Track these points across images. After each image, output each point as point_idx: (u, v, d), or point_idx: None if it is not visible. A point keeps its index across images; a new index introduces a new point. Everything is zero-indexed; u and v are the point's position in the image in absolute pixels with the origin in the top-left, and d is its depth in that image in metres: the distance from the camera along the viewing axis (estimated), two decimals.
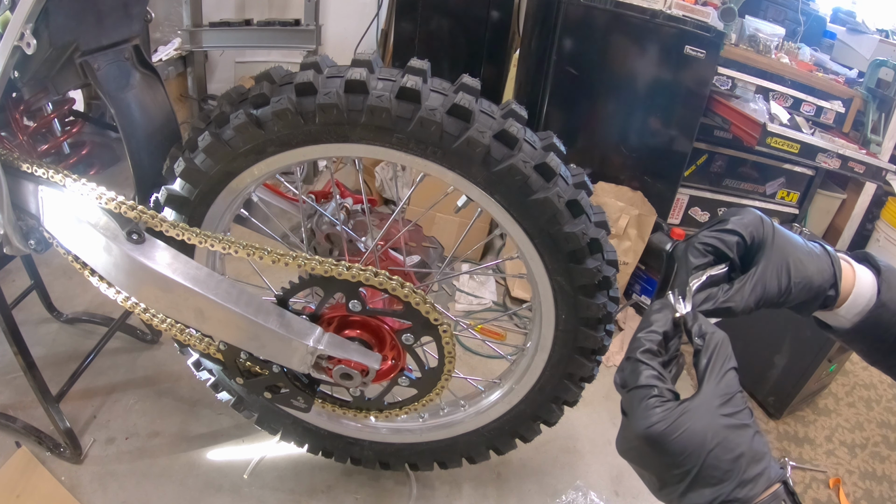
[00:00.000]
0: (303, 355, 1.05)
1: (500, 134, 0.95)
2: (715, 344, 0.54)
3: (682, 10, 2.14)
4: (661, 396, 0.50)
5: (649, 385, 0.51)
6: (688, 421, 0.49)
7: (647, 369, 0.53)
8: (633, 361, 0.54)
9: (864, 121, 2.47)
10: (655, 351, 0.54)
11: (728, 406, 0.50)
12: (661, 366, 0.54)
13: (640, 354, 0.54)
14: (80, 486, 1.37)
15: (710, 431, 0.48)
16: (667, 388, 0.51)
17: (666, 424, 0.49)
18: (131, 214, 0.99)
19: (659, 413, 0.49)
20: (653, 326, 0.56)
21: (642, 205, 2.34)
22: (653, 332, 0.56)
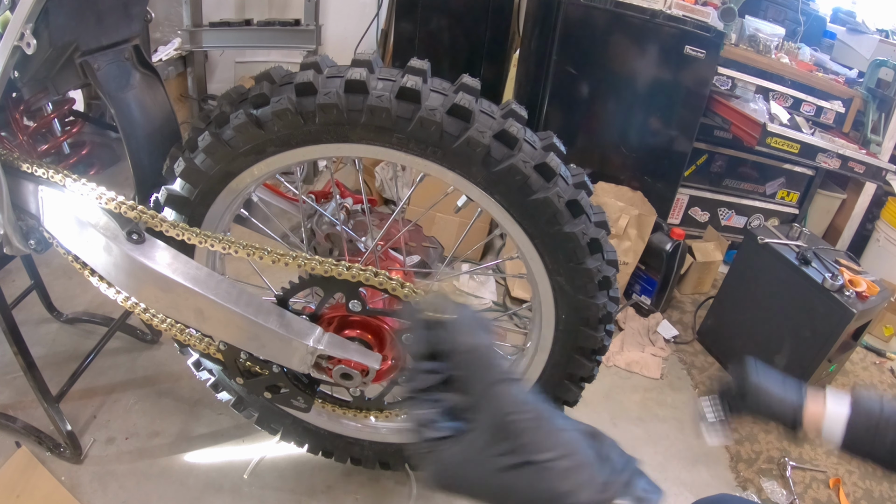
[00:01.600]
0: (303, 355, 1.05)
1: (500, 134, 0.95)
2: (467, 359, 0.45)
3: (682, 10, 2.14)
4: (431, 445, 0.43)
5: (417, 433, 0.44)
6: (455, 469, 0.42)
7: (415, 417, 0.45)
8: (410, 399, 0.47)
9: (864, 121, 2.48)
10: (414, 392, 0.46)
11: (499, 441, 0.41)
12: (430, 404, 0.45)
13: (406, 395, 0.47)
14: (80, 486, 1.37)
15: (486, 482, 0.41)
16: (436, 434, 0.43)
17: (438, 476, 0.42)
18: (131, 214, 0.99)
19: (429, 464, 0.43)
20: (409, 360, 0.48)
21: (642, 205, 2.34)
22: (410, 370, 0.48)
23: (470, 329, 0.45)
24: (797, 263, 1.91)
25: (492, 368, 0.44)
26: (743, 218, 2.86)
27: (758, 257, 2.02)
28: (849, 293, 1.79)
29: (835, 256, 1.98)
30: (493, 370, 0.43)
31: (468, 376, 0.44)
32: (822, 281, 1.82)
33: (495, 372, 0.43)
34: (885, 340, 2.55)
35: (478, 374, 0.43)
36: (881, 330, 2.54)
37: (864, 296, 1.79)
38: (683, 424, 1.88)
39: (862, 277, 1.85)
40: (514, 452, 0.41)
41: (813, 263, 1.90)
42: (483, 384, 0.43)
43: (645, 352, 2.16)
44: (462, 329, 0.45)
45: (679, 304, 2.53)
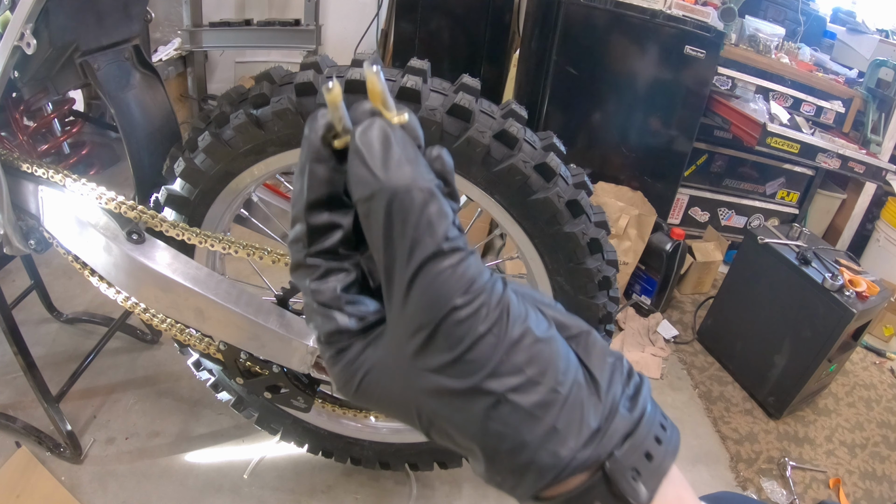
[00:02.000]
0: (303, 355, 1.05)
1: (500, 134, 0.95)
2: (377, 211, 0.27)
3: (682, 10, 2.14)
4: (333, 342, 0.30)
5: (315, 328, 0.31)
6: (375, 381, 0.29)
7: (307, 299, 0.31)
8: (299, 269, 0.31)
9: (864, 121, 2.48)
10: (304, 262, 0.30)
11: (428, 352, 0.27)
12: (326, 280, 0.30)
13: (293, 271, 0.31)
14: (80, 486, 1.37)
15: (410, 400, 0.29)
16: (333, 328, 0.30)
17: (351, 386, 0.30)
18: (131, 214, 0.99)
19: (336, 370, 0.30)
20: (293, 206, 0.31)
21: (642, 205, 2.34)
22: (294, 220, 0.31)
23: (396, 158, 0.27)
24: (797, 263, 1.91)
25: (424, 228, 0.26)
26: (743, 218, 2.86)
27: (758, 257, 2.02)
28: (849, 293, 1.79)
29: (835, 256, 1.98)
30: (425, 231, 0.26)
31: (383, 239, 0.27)
32: (822, 281, 1.82)
33: (434, 233, 0.26)
34: (885, 340, 2.55)
35: (398, 237, 0.27)
36: (881, 330, 2.54)
37: (864, 296, 1.79)
38: (683, 424, 1.88)
39: (862, 277, 1.85)
40: (456, 370, 0.27)
41: (813, 263, 1.90)
42: (405, 255, 0.26)
43: (645, 352, 2.16)
44: (383, 157, 0.27)
45: (679, 304, 2.53)
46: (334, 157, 0.30)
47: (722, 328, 2.22)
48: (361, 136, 0.28)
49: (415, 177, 0.27)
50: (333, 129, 0.30)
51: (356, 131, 0.28)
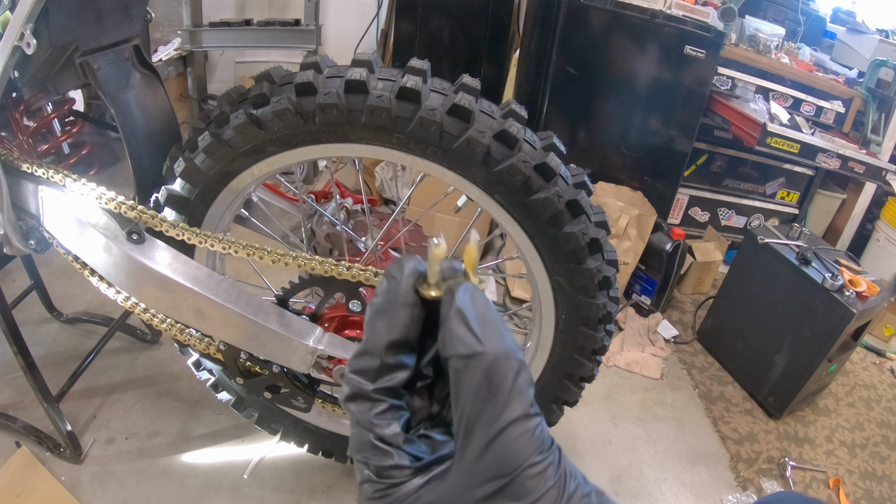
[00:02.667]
0: (303, 355, 1.05)
1: (500, 134, 0.95)
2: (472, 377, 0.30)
3: (682, 10, 2.14)
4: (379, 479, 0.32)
5: (359, 460, 0.33)
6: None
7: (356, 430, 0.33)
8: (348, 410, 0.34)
9: (864, 121, 2.48)
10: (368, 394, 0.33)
11: (497, 500, 0.30)
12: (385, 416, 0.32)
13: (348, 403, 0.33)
14: (80, 486, 1.37)
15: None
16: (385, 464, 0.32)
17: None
18: (131, 214, 0.99)
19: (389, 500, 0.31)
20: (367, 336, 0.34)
21: (642, 205, 2.34)
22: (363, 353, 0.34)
23: (494, 326, 0.31)
24: (797, 263, 1.91)
25: (515, 393, 0.30)
26: (743, 218, 2.86)
27: (758, 257, 2.02)
28: (849, 293, 1.79)
29: (835, 256, 1.98)
30: (516, 396, 0.30)
31: (467, 399, 0.30)
32: (822, 281, 1.82)
33: (519, 400, 0.30)
34: (885, 340, 2.55)
35: (491, 396, 0.30)
36: (881, 330, 2.54)
37: (864, 296, 1.79)
38: (683, 424, 1.88)
39: (862, 277, 1.85)
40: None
41: (813, 263, 1.90)
42: (496, 413, 0.29)
43: (645, 352, 2.16)
44: (481, 321, 0.31)
45: (679, 304, 2.53)
46: (420, 304, 0.33)
47: (722, 328, 2.22)
48: (463, 299, 0.32)
49: (511, 346, 0.31)
50: (424, 280, 0.33)
51: (458, 293, 0.32)
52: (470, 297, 0.32)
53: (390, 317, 0.33)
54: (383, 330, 0.33)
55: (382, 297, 0.34)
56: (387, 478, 0.32)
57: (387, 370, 0.33)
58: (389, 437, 0.32)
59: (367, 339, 0.33)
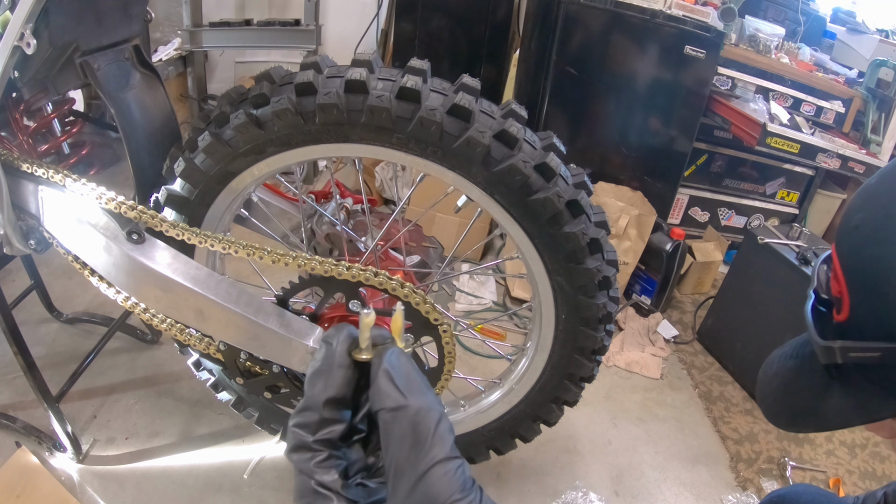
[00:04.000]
0: (303, 355, 1.04)
1: (500, 134, 0.95)
2: (401, 427, 0.36)
3: (682, 10, 2.14)
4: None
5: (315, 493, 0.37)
6: None
7: (299, 479, 0.38)
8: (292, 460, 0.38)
9: (864, 121, 2.48)
10: (309, 445, 0.38)
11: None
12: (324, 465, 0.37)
13: (292, 453, 0.38)
14: (80, 486, 1.37)
15: None
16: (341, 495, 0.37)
17: None
18: (131, 214, 0.99)
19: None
20: (308, 394, 0.39)
21: (642, 205, 2.34)
22: (307, 410, 0.38)
23: (417, 383, 0.37)
24: (797, 263, 1.91)
25: (437, 439, 0.35)
26: (743, 218, 2.86)
27: (758, 257, 2.02)
28: None
29: None
30: (437, 441, 0.35)
31: (394, 448, 0.35)
32: None
33: (440, 445, 0.35)
34: None
35: (416, 443, 0.35)
36: None
37: None
38: (683, 424, 1.88)
39: None
40: None
41: (813, 263, 1.90)
42: (421, 457, 0.34)
43: (645, 352, 2.16)
44: (406, 379, 0.37)
45: (679, 304, 2.53)
46: (353, 366, 0.39)
47: (722, 328, 2.22)
48: (390, 360, 0.37)
49: (432, 401, 0.37)
50: (356, 345, 0.39)
51: (385, 355, 0.37)
52: (396, 358, 0.38)
53: (327, 377, 0.38)
54: (322, 389, 0.38)
55: (320, 361, 0.39)
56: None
57: (325, 424, 0.38)
58: (329, 483, 0.36)
59: (307, 397, 0.38)
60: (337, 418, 0.38)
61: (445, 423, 0.36)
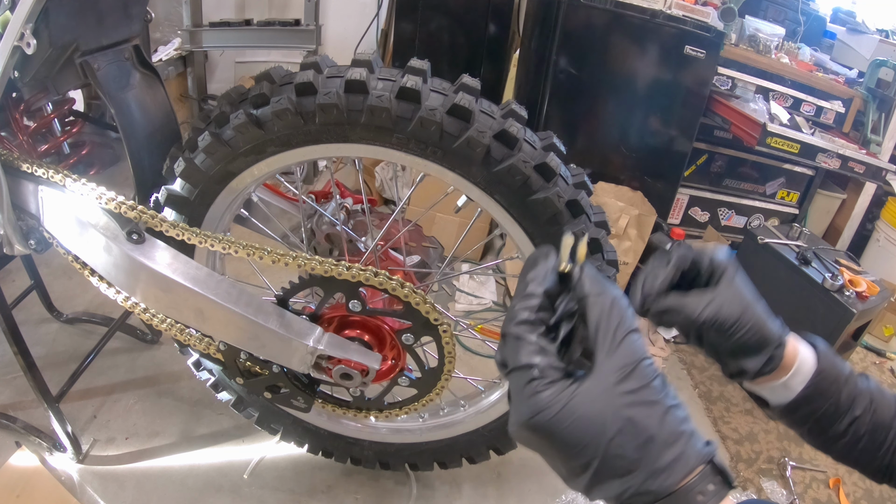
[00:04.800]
0: (303, 355, 1.05)
1: (500, 134, 0.95)
2: (604, 304, 0.45)
3: (682, 10, 2.14)
4: (544, 378, 0.43)
5: (529, 364, 0.43)
6: (580, 406, 0.41)
7: (527, 345, 0.44)
8: (510, 337, 0.46)
9: (864, 121, 2.48)
10: (535, 320, 0.46)
11: (630, 380, 0.43)
12: (546, 336, 0.46)
13: (516, 327, 0.45)
14: (80, 486, 1.37)
15: (608, 415, 0.41)
16: (553, 364, 0.44)
17: (552, 412, 0.41)
18: (131, 214, 0.99)
19: (544, 398, 0.42)
20: (529, 288, 0.47)
21: (642, 205, 2.34)
22: (529, 296, 0.47)
23: (610, 284, 0.47)
24: (797, 263, 1.91)
25: (630, 316, 0.45)
26: (743, 218, 2.86)
27: (758, 257, 2.02)
28: (849, 293, 1.79)
29: (835, 256, 1.98)
30: (628, 318, 0.45)
31: (601, 319, 0.45)
32: (822, 281, 1.82)
33: (630, 320, 0.45)
34: (885, 340, 2.55)
35: (613, 318, 0.44)
36: (881, 330, 2.54)
37: (864, 296, 1.79)
38: None
39: (862, 277, 1.85)
40: (646, 392, 0.43)
41: (813, 263, 1.90)
42: (620, 329, 0.44)
43: None
44: (598, 276, 0.48)
45: None
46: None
47: None
48: (590, 269, 0.48)
49: (620, 294, 0.46)
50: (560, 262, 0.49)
51: (585, 265, 0.48)
52: (592, 269, 0.48)
53: (544, 275, 0.47)
54: (540, 282, 0.47)
55: (534, 265, 0.48)
56: (548, 375, 0.43)
57: (542, 308, 0.46)
58: (549, 347, 0.45)
59: (528, 288, 0.47)
60: (548, 306, 0.47)
61: (631, 308, 0.46)
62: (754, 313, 0.60)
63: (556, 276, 0.48)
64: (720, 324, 0.58)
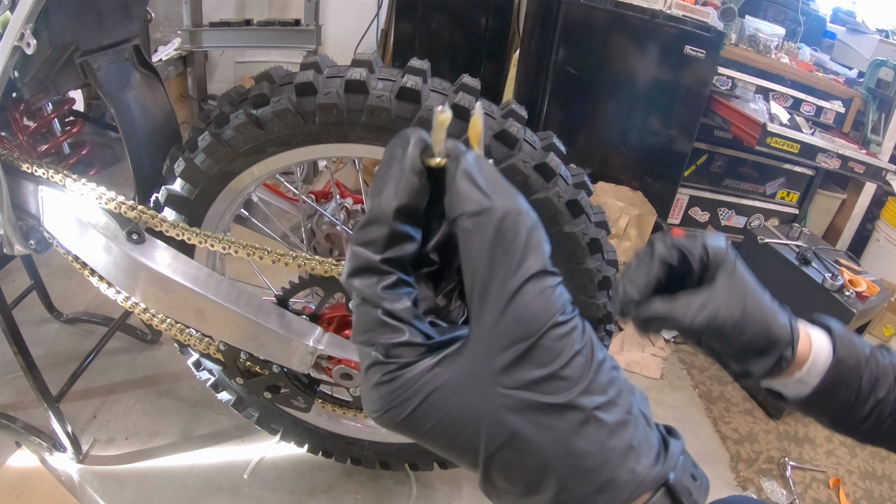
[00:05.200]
0: (303, 355, 1.05)
1: (500, 134, 0.95)
2: (487, 229, 0.28)
3: (682, 10, 2.14)
4: (391, 363, 0.28)
5: (365, 342, 0.29)
6: (445, 403, 0.28)
7: (360, 310, 0.29)
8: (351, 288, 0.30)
9: (864, 121, 2.47)
10: (378, 267, 0.29)
11: (522, 367, 0.27)
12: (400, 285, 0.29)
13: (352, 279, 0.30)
14: (80, 486, 1.37)
15: (485, 419, 0.27)
16: (407, 340, 0.28)
17: (405, 410, 0.28)
18: (131, 214, 0.99)
19: (392, 390, 0.28)
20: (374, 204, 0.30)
21: (642, 205, 2.34)
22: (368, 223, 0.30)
23: (503, 185, 0.29)
24: (797, 263, 1.91)
25: (531, 248, 0.28)
26: (743, 218, 2.86)
27: (758, 257, 2.02)
28: (849, 293, 1.79)
29: (835, 256, 1.99)
30: (532, 251, 0.28)
31: (480, 257, 0.27)
32: (822, 281, 1.82)
33: (535, 256, 0.28)
34: (885, 340, 2.55)
35: (501, 256, 0.27)
36: (881, 330, 2.54)
37: (864, 296, 1.79)
38: (683, 424, 1.88)
39: (862, 277, 1.85)
40: (550, 386, 0.27)
41: (813, 263, 1.90)
42: (511, 270, 0.27)
43: (645, 352, 2.16)
44: (489, 181, 0.29)
45: None
46: (426, 175, 0.31)
47: None
48: (470, 160, 0.30)
49: (522, 204, 0.29)
50: (430, 149, 0.31)
51: (464, 157, 0.30)
52: (476, 160, 0.30)
53: (397, 182, 0.30)
54: (391, 196, 0.30)
55: (388, 165, 0.31)
56: (396, 357, 0.28)
57: (395, 240, 0.30)
58: (399, 311, 0.29)
59: (372, 208, 0.30)
60: (407, 234, 0.30)
61: (539, 231, 0.29)
62: (759, 311, 0.50)
63: (418, 179, 0.30)
64: (718, 329, 0.49)
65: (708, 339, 0.50)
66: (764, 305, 0.51)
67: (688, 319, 0.47)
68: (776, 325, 0.51)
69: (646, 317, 0.49)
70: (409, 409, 0.28)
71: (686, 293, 0.49)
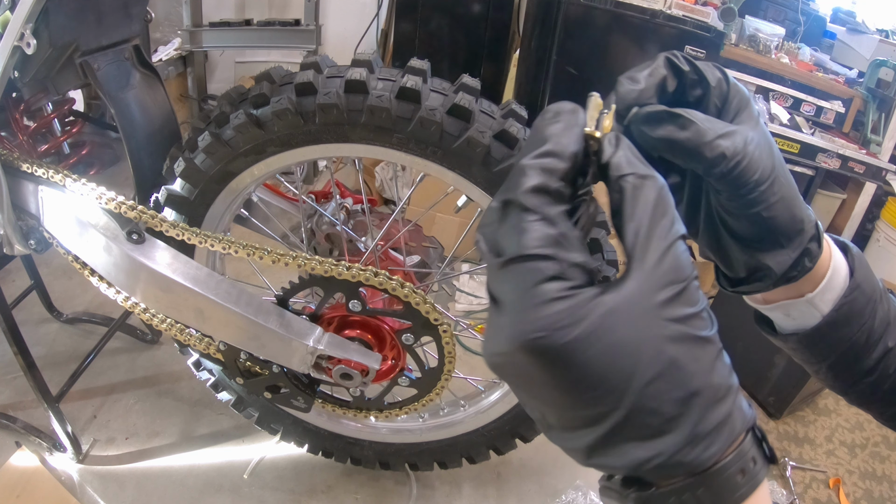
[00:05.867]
0: (303, 355, 1.05)
1: (501, 134, 0.95)
2: (650, 192, 0.31)
3: (682, 10, 2.14)
4: (565, 279, 0.28)
5: (542, 256, 0.28)
6: (612, 330, 0.28)
7: (541, 225, 0.29)
8: (514, 208, 0.30)
9: (864, 121, 2.48)
10: (554, 191, 0.30)
11: (677, 304, 0.29)
12: (565, 217, 0.30)
13: (526, 196, 0.30)
14: (80, 486, 1.37)
15: (648, 350, 0.28)
16: (578, 261, 0.29)
17: (571, 333, 0.27)
18: (131, 214, 0.99)
19: (561, 310, 0.27)
20: (548, 145, 0.31)
21: None
22: (551, 154, 0.31)
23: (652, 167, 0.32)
24: None
25: (675, 219, 0.31)
26: None
27: None
28: None
29: None
30: (676, 222, 0.31)
31: (646, 211, 0.30)
32: None
33: (680, 223, 0.31)
34: None
35: (660, 213, 0.30)
36: None
37: None
38: None
39: None
40: (697, 323, 0.30)
41: None
42: (669, 230, 0.30)
43: None
44: (638, 154, 0.32)
45: None
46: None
47: (722, 328, 2.21)
48: (626, 142, 0.33)
49: (665, 183, 0.32)
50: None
51: (622, 137, 0.33)
52: (629, 144, 0.33)
53: (571, 132, 0.32)
54: (571, 141, 0.31)
55: (563, 120, 0.32)
56: (572, 278, 0.28)
57: (566, 179, 0.31)
58: (574, 237, 0.30)
59: (550, 145, 0.31)
60: (574, 178, 0.32)
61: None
62: (786, 177, 0.41)
63: (583, 139, 0.32)
64: (745, 169, 0.38)
65: (722, 186, 0.40)
66: (790, 176, 0.42)
67: (711, 135, 0.37)
68: (801, 207, 0.43)
69: (655, 115, 0.39)
70: (576, 331, 0.27)
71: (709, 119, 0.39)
